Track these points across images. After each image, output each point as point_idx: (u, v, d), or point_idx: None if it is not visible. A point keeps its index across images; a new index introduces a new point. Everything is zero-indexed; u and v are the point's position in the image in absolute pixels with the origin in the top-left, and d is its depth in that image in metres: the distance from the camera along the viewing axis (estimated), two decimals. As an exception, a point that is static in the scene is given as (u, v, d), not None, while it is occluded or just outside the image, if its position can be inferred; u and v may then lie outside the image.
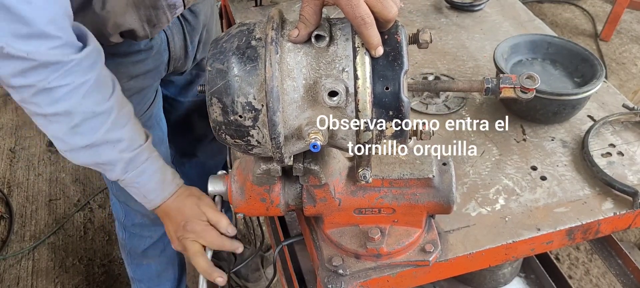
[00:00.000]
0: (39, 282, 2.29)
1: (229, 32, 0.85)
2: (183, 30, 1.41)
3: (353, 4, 0.74)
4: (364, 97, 0.76)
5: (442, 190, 0.97)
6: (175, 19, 1.36)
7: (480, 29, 1.72)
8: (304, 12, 0.78)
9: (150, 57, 1.36)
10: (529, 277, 1.65)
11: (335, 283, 1.00)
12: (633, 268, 1.53)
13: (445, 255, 1.06)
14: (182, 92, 1.67)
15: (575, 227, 1.13)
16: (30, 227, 2.52)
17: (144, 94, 1.43)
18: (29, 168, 2.83)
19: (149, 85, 1.43)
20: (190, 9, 1.40)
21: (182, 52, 1.44)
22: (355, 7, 0.74)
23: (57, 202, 2.64)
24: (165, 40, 1.38)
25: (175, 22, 1.38)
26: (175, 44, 1.40)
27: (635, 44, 3.71)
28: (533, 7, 3.97)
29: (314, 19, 0.78)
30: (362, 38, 0.76)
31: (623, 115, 1.36)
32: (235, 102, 0.80)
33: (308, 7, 0.78)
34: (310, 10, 0.78)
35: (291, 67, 0.79)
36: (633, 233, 2.40)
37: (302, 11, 0.79)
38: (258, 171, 0.93)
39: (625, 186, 1.16)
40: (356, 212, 0.99)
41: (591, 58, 1.37)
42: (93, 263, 2.36)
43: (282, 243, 1.31)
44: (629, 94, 2.84)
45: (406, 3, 1.86)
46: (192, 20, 1.42)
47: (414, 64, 1.56)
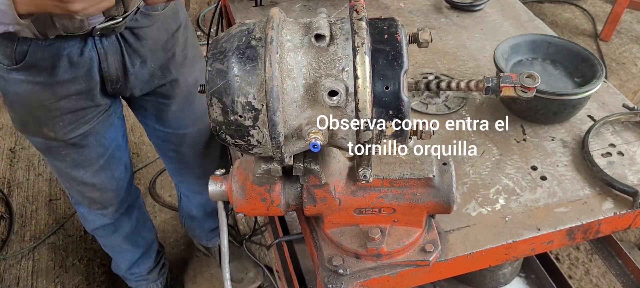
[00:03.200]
0: (39, 282, 2.29)
1: (228, 32, 0.85)
2: (122, 52, 1.37)
3: None
4: (364, 97, 0.76)
5: (442, 190, 0.97)
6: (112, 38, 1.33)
7: (481, 29, 1.72)
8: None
9: (78, 77, 1.34)
10: (529, 277, 1.65)
11: (335, 283, 1.00)
12: (633, 268, 1.53)
13: (445, 255, 1.06)
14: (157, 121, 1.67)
15: (575, 227, 1.13)
16: (30, 227, 2.52)
17: (81, 115, 1.41)
18: (29, 168, 2.83)
19: (84, 107, 1.41)
20: (132, 32, 1.37)
21: (119, 74, 1.40)
22: None
23: (57, 202, 2.64)
24: (97, 60, 1.34)
25: (111, 42, 1.34)
26: (108, 65, 1.37)
27: (635, 44, 3.71)
28: (533, 7, 3.97)
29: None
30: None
31: (623, 115, 1.36)
32: (235, 102, 0.80)
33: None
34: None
35: (291, 67, 0.79)
36: (633, 233, 2.39)
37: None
38: (258, 171, 0.93)
39: (625, 186, 1.16)
40: (356, 212, 0.99)
41: (591, 58, 1.37)
42: (93, 263, 2.36)
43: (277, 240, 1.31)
44: (629, 94, 2.84)
45: (406, 3, 1.86)
46: (134, 43, 1.39)
47: (414, 63, 1.56)
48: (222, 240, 1.08)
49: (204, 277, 2.32)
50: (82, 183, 1.61)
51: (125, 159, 1.68)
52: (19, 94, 1.34)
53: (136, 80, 1.46)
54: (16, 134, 3.03)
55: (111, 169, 1.62)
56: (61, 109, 1.37)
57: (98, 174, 1.60)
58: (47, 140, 1.45)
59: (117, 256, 2.02)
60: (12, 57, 1.26)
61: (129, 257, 1.99)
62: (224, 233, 1.08)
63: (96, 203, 1.71)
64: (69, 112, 1.39)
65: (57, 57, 1.29)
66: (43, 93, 1.33)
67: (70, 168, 1.56)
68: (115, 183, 1.67)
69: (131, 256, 1.99)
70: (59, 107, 1.36)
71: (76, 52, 1.31)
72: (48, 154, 1.53)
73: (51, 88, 1.32)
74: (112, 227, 1.83)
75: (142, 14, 1.37)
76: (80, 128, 1.44)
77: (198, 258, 2.39)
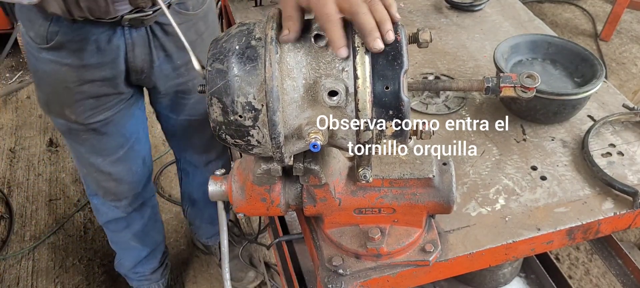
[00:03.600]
0: (39, 282, 2.29)
1: (228, 32, 0.85)
2: (149, 44, 1.40)
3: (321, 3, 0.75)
4: (364, 97, 0.76)
5: (442, 190, 0.97)
6: (141, 30, 1.36)
7: (480, 29, 1.72)
8: (286, 12, 0.79)
9: (104, 64, 1.36)
10: (529, 277, 1.65)
11: (335, 283, 1.00)
12: (633, 268, 1.53)
13: (445, 255, 1.06)
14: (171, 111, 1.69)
15: (575, 227, 1.13)
16: (30, 227, 2.52)
17: (103, 101, 1.44)
18: (29, 168, 2.83)
19: (107, 94, 1.43)
20: (162, 27, 1.40)
21: (144, 66, 1.43)
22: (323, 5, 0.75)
23: (57, 202, 2.64)
24: (124, 49, 1.37)
25: (140, 34, 1.37)
26: (134, 56, 1.39)
27: (635, 44, 3.71)
28: (533, 7, 3.97)
29: (296, 15, 0.79)
30: (327, 35, 0.76)
31: (623, 115, 1.36)
32: (235, 102, 0.80)
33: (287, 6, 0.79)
34: (290, 8, 0.79)
35: (291, 67, 0.79)
36: (633, 233, 2.39)
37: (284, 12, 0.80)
38: (258, 171, 0.93)
39: (625, 186, 1.16)
40: (356, 212, 0.99)
41: (591, 58, 1.37)
42: (93, 263, 2.36)
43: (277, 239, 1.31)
44: (629, 94, 2.84)
45: (406, 3, 1.86)
46: (162, 38, 1.41)
47: (414, 63, 1.56)
48: (222, 240, 1.09)
49: (204, 277, 2.32)
50: (99, 171, 1.63)
51: (144, 153, 1.70)
52: (47, 73, 1.38)
53: (160, 73, 1.48)
54: (16, 133, 3.03)
55: (129, 162, 1.64)
56: (84, 92, 1.40)
57: (116, 165, 1.62)
58: (69, 122, 1.48)
59: (123, 253, 2.03)
60: (44, 36, 1.31)
61: (134, 254, 1.99)
62: (223, 233, 1.08)
63: (110, 194, 1.72)
64: (91, 97, 1.42)
65: (85, 41, 1.32)
66: (68, 74, 1.36)
67: (89, 154, 1.58)
68: (132, 176, 1.68)
69: (137, 254, 1.99)
70: (82, 90, 1.39)
71: (104, 39, 1.33)
72: (69, 136, 1.56)
73: (76, 70, 1.35)
74: (124, 222, 1.83)
75: (174, 11, 1.40)
76: (101, 114, 1.47)
77: (198, 258, 2.39)
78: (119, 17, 1.30)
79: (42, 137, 3.01)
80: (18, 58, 3.56)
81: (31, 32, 1.33)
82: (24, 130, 3.06)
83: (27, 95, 3.30)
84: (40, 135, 3.02)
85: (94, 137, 1.53)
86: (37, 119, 3.13)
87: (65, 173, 2.79)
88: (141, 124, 1.64)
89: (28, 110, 3.20)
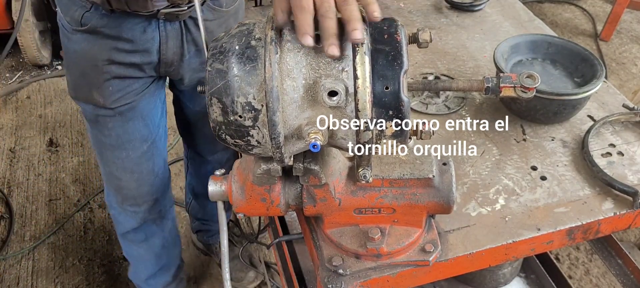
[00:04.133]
0: (39, 282, 2.29)
1: (228, 32, 0.85)
2: (182, 37, 1.42)
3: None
4: (364, 97, 0.76)
5: (442, 190, 0.97)
6: (175, 24, 1.39)
7: (480, 29, 1.72)
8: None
9: (136, 51, 1.39)
10: (529, 277, 1.65)
11: (335, 283, 1.00)
12: (633, 268, 1.53)
13: (445, 255, 1.06)
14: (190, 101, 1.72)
15: (575, 227, 1.13)
16: (30, 227, 2.52)
17: (128, 83, 1.46)
18: (29, 168, 2.83)
19: (133, 76, 1.45)
20: (196, 22, 1.42)
21: (175, 58, 1.45)
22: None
23: (57, 202, 2.64)
24: (158, 42, 1.39)
25: (174, 28, 1.39)
26: (167, 49, 1.42)
27: (635, 44, 3.71)
28: (533, 7, 3.97)
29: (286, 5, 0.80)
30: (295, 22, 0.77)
31: (623, 115, 1.36)
32: (235, 102, 0.80)
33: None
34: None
35: (291, 67, 0.79)
36: (633, 233, 2.39)
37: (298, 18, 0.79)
38: (258, 171, 0.93)
39: (625, 186, 1.16)
40: (356, 212, 0.99)
41: (591, 58, 1.37)
42: (93, 263, 2.36)
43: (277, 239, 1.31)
44: (629, 94, 2.84)
45: (406, 3, 1.86)
46: (194, 32, 1.43)
47: (414, 63, 1.56)
48: (222, 240, 1.09)
49: (204, 277, 2.32)
50: (123, 169, 1.62)
51: (164, 155, 1.70)
52: (77, 53, 1.41)
53: (188, 67, 1.50)
54: (16, 133, 3.03)
55: (152, 161, 1.64)
56: (110, 72, 1.41)
57: (139, 162, 1.62)
58: (97, 107, 1.49)
59: (138, 264, 1.99)
60: (79, 21, 1.34)
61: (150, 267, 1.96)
62: (223, 233, 1.08)
63: (130, 198, 1.70)
64: (118, 78, 1.43)
65: (120, 29, 1.34)
66: (99, 53, 1.38)
67: (114, 147, 1.58)
68: (153, 177, 1.68)
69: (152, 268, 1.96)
70: (110, 70, 1.41)
71: (139, 30, 1.36)
72: (96, 127, 1.56)
73: (108, 51, 1.38)
74: (142, 233, 1.81)
75: (208, 7, 1.43)
76: (127, 97, 1.48)
77: (198, 258, 2.39)
78: (155, 11, 1.33)
79: (42, 137, 3.01)
80: (18, 58, 3.56)
81: (67, 16, 1.36)
82: (24, 130, 3.06)
83: (27, 95, 3.30)
84: (40, 135, 3.02)
85: (120, 125, 1.53)
86: (37, 119, 3.13)
87: (65, 173, 2.79)
88: (162, 119, 1.65)
89: (28, 110, 3.20)
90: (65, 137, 3.01)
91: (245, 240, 2.26)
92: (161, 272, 1.99)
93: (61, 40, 1.43)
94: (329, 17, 0.76)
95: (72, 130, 3.05)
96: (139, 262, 1.98)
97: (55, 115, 3.15)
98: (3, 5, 3.18)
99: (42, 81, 3.40)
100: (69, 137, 3.01)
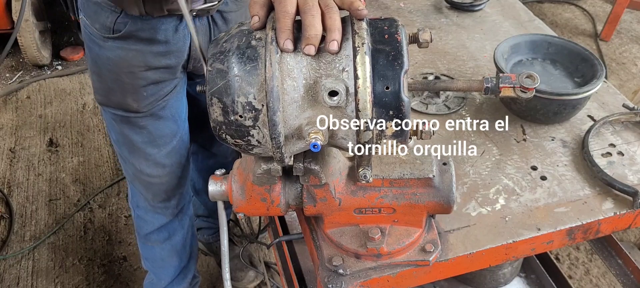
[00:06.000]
0: (39, 282, 2.29)
1: (229, 32, 0.86)
2: (210, 33, 1.43)
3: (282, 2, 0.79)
4: (364, 97, 0.76)
5: (442, 190, 0.97)
6: (204, 20, 1.40)
7: (481, 29, 1.72)
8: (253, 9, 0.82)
9: (171, 52, 1.39)
10: (529, 277, 1.65)
11: (335, 283, 1.00)
12: (633, 268, 1.53)
13: (445, 255, 1.06)
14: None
15: (575, 226, 1.13)
16: (30, 227, 2.52)
17: (161, 87, 1.46)
18: (29, 168, 2.83)
19: (166, 80, 1.46)
20: (222, 15, 1.43)
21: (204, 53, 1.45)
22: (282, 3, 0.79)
23: (57, 202, 2.64)
24: (189, 38, 1.40)
25: (203, 23, 1.40)
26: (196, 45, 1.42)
27: (635, 44, 3.71)
28: (533, 7, 3.97)
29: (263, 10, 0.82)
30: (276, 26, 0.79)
31: (623, 115, 1.36)
32: (236, 102, 0.80)
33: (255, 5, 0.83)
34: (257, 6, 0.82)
35: (291, 67, 0.79)
36: (633, 233, 2.40)
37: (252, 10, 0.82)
38: (258, 171, 0.93)
39: (625, 186, 1.16)
40: (356, 212, 0.99)
41: (591, 58, 1.37)
42: (93, 263, 2.36)
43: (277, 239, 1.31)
44: (629, 94, 2.84)
45: (406, 3, 1.86)
46: (221, 25, 1.44)
47: (414, 63, 1.56)
48: (222, 240, 1.09)
49: (204, 277, 2.32)
50: (154, 164, 1.61)
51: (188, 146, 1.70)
52: (111, 60, 1.39)
53: None
54: (16, 133, 3.03)
55: (180, 153, 1.64)
56: (147, 78, 1.42)
57: (170, 156, 1.62)
58: (129, 112, 1.49)
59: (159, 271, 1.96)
60: (110, 28, 1.33)
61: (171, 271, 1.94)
62: (224, 233, 1.08)
63: (161, 194, 1.70)
64: (152, 83, 1.44)
65: (154, 31, 1.34)
66: (135, 59, 1.38)
67: (145, 145, 1.57)
68: (182, 170, 1.68)
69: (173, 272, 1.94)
70: (146, 76, 1.41)
71: (172, 30, 1.36)
72: (125, 127, 1.55)
73: (144, 56, 1.37)
74: (166, 232, 1.80)
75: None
76: (160, 100, 1.49)
77: (198, 258, 2.39)
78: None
79: (42, 137, 3.01)
80: (18, 58, 3.56)
81: (97, 24, 1.34)
82: (24, 130, 3.06)
83: (27, 95, 3.30)
84: (40, 135, 3.02)
85: (152, 123, 1.53)
86: (37, 119, 3.13)
87: (65, 173, 2.79)
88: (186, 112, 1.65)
89: (28, 110, 3.20)
90: (65, 137, 3.01)
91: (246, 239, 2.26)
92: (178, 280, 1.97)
93: (87, 47, 1.42)
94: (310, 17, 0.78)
95: (72, 130, 3.05)
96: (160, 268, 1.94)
97: (55, 115, 3.15)
98: (3, 5, 3.18)
99: (42, 81, 3.40)
100: (69, 137, 3.01)
